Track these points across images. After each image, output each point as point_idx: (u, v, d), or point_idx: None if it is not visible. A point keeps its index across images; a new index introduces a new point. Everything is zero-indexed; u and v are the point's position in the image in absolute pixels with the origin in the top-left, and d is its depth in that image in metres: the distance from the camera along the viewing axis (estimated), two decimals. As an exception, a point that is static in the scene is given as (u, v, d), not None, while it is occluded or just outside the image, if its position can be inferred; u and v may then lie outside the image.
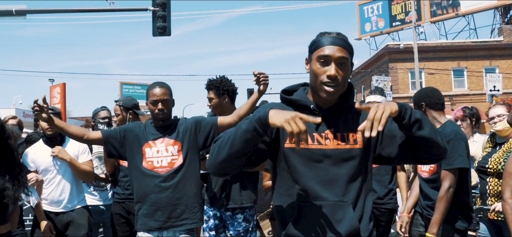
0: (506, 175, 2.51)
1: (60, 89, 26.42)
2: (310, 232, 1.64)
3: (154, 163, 2.72)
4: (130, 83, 42.43)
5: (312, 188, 1.64)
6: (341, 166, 1.66)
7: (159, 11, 10.78)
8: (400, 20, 30.07)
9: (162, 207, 2.68)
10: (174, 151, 2.74)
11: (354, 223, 1.64)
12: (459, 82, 27.65)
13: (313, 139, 1.67)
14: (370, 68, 30.13)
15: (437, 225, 2.65)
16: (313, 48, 1.69)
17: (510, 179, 2.47)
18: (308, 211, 1.64)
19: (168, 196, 2.69)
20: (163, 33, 10.91)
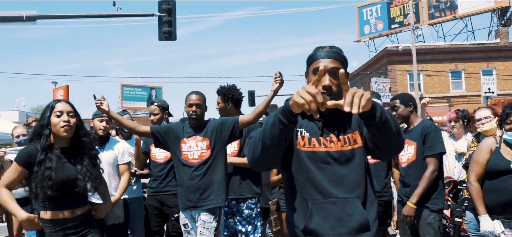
0: (472, 162, 2.96)
1: (63, 91, 26.72)
2: (326, 227, 1.76)
3: (188, 156, 3.32)
4: (131, 85, 42.73)
5: (323, 186, 1.78)
6: (346, 165, 1.81)
7: (165, 16, 11.12)
8: (398, 23, 30.41)
9: (194, 191, 3.24)
10: (203, 146, 3.32)
11: (364, 217, 1.78)
12: (457, 83, 28.00)
13: (319, 143, 1.83)
14: (369, 70, 30.46)
15: (418, 196, 3.12)
16: (309, 62, 1.86)
17: (475, 166, 2.93)
18: (322, 208, 1.77)
19: (198, 182, 3.26)
20: (169, 38, 11.25)
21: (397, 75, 27.45)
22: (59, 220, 2.41)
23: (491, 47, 27.98)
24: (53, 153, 2.40)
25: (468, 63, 27.88)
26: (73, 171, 2.42)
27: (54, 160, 2.38)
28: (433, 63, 27.64)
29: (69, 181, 2.39)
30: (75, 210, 2.45)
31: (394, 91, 26.92)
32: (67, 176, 2.39)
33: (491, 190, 2.83)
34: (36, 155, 2.37)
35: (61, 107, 2.49)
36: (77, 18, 10.74)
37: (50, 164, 2.35)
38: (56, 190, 2.30)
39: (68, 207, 2.41)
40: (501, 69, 28.05)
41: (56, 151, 2.42)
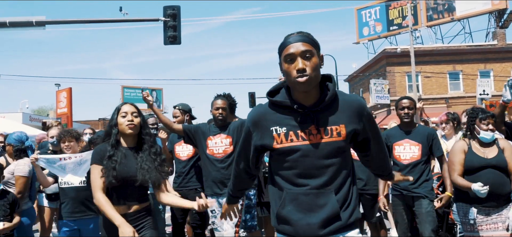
0: (450, 164, 3.44)
1: (66, 93, 27.06)
2: (296, 216, 1.82)
3: (213, 151, 3.98)
4: (132, 87, 43.03)
5: (298, 178, 1.83)
6: (325, 157, 1.81)
7: (170, 21, 11.47)
8: (397, 24, 30.75)
9: (219, 181, 3.88)
10: (227, 143, 3.99)
11: (335, 208, 1.80)
12: (454, 85, 28.37)
13: (297, 137, 1.82)
14: (368, 72, 30.81)
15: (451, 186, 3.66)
16: (280, 50, 1.83)
17: (454, 166, 3.41)
18: (295, 198, 1.83)
19: (223, 173, 3.91)
20: (174, 42, 11.61)
21: (395, 76, 27.80)
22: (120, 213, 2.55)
23: (488, 49, 28.34)
24: (120, 150, 2.63)
25: (465, 65, 28.25)
26: (134, 167, 2.61)
27: (119, 156, 2.60)
28: (431, 65, 28.00)
29: (129, 176, 2.58)
30: (133, 205, 2.62)
31: (393, 93, 27.28)
32: (128, 171, 2.58)
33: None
34: (106, 151, 2.60)
35: (126, 109, 2.70)
36: (85, 23, 11.09)
37: (116, 159, 2.56)
38: (118, 181, 2.54)
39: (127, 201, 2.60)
40: (498, 70, 28.42)
41: (122, 148, 2.65)
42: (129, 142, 2.70)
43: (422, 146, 3.76)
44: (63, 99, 25.51)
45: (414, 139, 3.78)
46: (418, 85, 27.15)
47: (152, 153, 2.68)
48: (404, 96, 3.95)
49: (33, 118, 26.40)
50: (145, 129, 2.73)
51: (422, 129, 3.90)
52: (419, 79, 27.68)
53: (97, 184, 2.56)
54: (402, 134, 3.86)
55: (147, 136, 2.72)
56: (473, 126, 3.38)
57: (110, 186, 2.56)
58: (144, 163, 2.63)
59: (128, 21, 10.97)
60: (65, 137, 3.99)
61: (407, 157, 3.80)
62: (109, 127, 2.66)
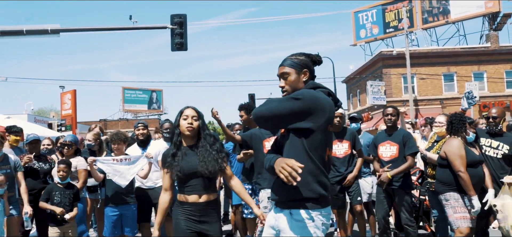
0: (459, 158, 3.93)
1: (70, 95, 27.51)
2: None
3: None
4: (132, 88, 43.56)
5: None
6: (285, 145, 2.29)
7: (177, 29, 12.13)
8: (393, 27, 31.44)
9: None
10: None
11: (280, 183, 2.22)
12: (449, 86, 29.08)
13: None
14: (365, 73, 31.49)
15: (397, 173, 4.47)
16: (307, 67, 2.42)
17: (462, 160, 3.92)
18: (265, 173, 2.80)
19: None
20: (181, 48, 12.28)
21: (392, 78, 28.50)
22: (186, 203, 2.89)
23: (482, 51, 29.04)
24: (181, 149, 2.95)
25: (460, 66, 28.96)
26: (195, 163, 2.89)
27: (181, 153, 2.92)
28: (426, 67, 28.71)
29: (191, 170, 2.88)
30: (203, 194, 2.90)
31: (389, 94, 28.00)
32: (190, 166, 2.88)
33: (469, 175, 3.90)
34: (167, 156, 2.97)
35: (187, 113, 2.99)
36: (98, 31, 11.71)
37: (179, 156, 2.91)
38: (182, 175, 2.88)
39: (196, 192, 2.89)
40: (491, 72, 29.15)
41: (183, 147, 2.97)
42: (189, 141, 2.99)
43: (399, 146, 4.59)
44: (68, 100, 26.13)
45: (393, 140, 4.63)
46: (414, 87, 27.85)
47: (212, 149, 2.96)
48: (389, 105, 4.77)
49: (37, 120, 26.94)
50: (204, 130, 3.02)
51: (400, 131, 4.71)
52: (415, 80, 28.39)
53: (164, 185, 2.99)
54: (385, 136, 4.71)
55: (207, 136, 3.00)
56: (464, 129, 4.07)
57: (178, 180, 2.92)
58: (203, 157, 2.91)
59: (138, 28, 11.61)
60: (114, 140, 4.79)
61: (387, 155, 4.64)
62: (173, 127, 3.08)
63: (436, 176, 4.21)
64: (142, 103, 44.68)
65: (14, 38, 12.47)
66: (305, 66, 2.38)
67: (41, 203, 4.51)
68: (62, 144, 5.00)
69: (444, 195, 4.03)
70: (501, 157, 4.33)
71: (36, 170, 5.00)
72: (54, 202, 4.48)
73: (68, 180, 4.63)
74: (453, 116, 4.23)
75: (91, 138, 5.58)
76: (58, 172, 4.57)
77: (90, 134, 5.67)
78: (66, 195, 4.54)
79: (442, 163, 4.09)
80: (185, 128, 2.93)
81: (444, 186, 4.03)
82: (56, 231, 4.46)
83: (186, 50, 12.31)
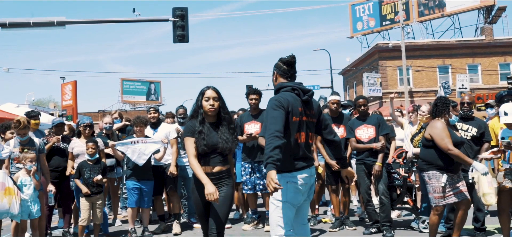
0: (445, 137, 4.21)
1: (71, 86, 27.93)
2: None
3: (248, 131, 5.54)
4: (131, 80, 43.89)
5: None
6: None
7: (178, 21, 12.54)
8: (390, 20, 31.81)
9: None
10: (257, 127, 5.45)
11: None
12: (444, 78, 29.51)
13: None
14: (361, 66, 31.96)
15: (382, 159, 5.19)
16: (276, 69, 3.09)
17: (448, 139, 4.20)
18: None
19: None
20: (182, 40, 12.70)
21: (387, 70, 28.99)
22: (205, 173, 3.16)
23: (477, 44, 29.51)
24: (205, 126, 3.22)
25: (454, 59, 29.45)
26: (216, 138, 3.22)
27: (206, 130, 3.20)
28: (421, 59, 29.19)
29: (214, 145, 3.19)
30: (216, 166, 3.23)
31: (385, 86, 28.49)
32: (212, 141, 3.19)
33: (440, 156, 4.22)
34: (195, 127, 3.23)
35: (208, 94, 3.24)
36: (102, 23, 12.11)
37: (204, 132, 3.19)
38: (207, 149, 3.18)
39: (211, 164, 3.22)
40: (485, 64, 29.66)
41: (206, 124, 3.24)
42: (211, 119, 3.28)
43: (375, 127, 5.27)
44: (68, 91, 26.47)
45: (369, 123, 5.31)
46: (409, 79, 28.34)
47: (230, 128, 3.29)
48: (360, 96, 5.46)
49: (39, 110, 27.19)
50: (224, 109, 3.31)
51: (374, 116, 5.42)
52: (410, 72, 28.88)
53: (191, 152, 3.22)
54: (360, 122, 5.38)
55: (226, 115, 3.31)
56: (448, 111, 4.43)
57: (202, 153, 3.20)
58: (224, 134, 3.24)
59: (141, 21, 12.03)
60: (136, 123, 5.49)
61: (366, 136, 5.26)
62: (196, 107, 3.28)
63: (420, 155, 4.55)
64: (141, 94, 44.93)
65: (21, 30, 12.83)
66: (274, 69, 3.11)
67: (76, 180, 5.16)
68: (84, 126, 5.50)
69: (427, 173, 4.36)
70: (470, 139, 4.87)
71: (62, 150, 5.53)
72: (84, 177, 5.10)
73: (96, 156, 5.22)
74: (438, 99, 4.51)
75: (109, 120, 6.19)
76: (88, 150, 5.16)
77: (107, 117, 6.24)
78: (95, 170, 5.15)
79: (426, 143, 4.39)
80: (208, 109, 3.22)
81: (427, 164, 4.35)
82: (86, 202, 5.13)
83: (188, 42, 12.74)
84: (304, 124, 3.00)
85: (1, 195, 4.15)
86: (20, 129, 4.83)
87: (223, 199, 3.18)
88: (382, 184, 5.13)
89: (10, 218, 4.48)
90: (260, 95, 5.74)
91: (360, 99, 5.38)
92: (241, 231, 5.64)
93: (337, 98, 5.61)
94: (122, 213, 6.86)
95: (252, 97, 5.66)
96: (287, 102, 2.89)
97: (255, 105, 5.67)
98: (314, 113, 3.13)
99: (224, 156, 3.27)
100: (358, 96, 5.53)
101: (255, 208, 5.87)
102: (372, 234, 5.19)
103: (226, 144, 3.20)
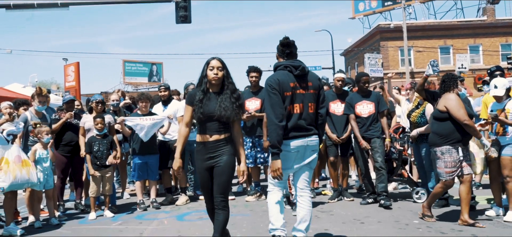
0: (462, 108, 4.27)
1: (74, 67, 28.13)
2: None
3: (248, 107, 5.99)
4: (133, 61, 43.97)
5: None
6: None
7: (181, 2, 12.64)
8: (391, 0, 31.65)
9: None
10: (257, 104, 5.99)
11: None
12: (445, 59, 29.63)
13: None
14: (363, 46, 31.99)
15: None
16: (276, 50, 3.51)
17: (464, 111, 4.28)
18: None
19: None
20: (185, 21, 12.83)
21: (389, 51, 29.04)
22: (202, 143, 3.27)
23: (478, 24, 29.47)
24: (207, 95, 3.27)
25: (456, 40, 29.46)
26: (214, 106, 3.23)
27: (206, 99, 3.24)
28: (423, 40, 29.22)
29: (210, 113, 3.22)
30: (214, 135, 3.25)
31: (386, 66, 28.58)
32: (209, 110, 3.23)
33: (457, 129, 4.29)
34: (196, 96, 3.28)
35: (213, 64, 3.30)
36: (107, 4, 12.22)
37: (203, 101, 3.23)
38: (203, 117, 3.24)
39: (208, 132, 3.25)
40: (487, 45, 29.67)
41: (209, 93, 3.29)
42: (215, 88, 3.33)
43: (375, 104, 5.52)
44: (71, 73, 26.61)
45: (370, 100, 5.56)
46: (410, 59, 28.41)
47: (232, 97, 3.29)
48: (363, 73, 5.72)
49: (47, 89, 27.50)
50: (228, 79, 3.35)
51: (374, 93, 5.68)
52: (412, 53, 28.93)
53: (184, 120, 3.36)
54: (360, 97, 5.61)
55: (230, 84, 3.34)
56: (456, 85, 4.53)
57: (199, 121, 3.28)
58: (223, 103, 3.24)
59: (145, 2, 12.15)
60: (142, 99, 5.76)
61: (365, 112, 5.51)
62: (201, 77, 3.35)
63: (433, 129, 4.47)
64: (143, 75, 45.02)
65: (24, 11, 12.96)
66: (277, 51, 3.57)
67: (87, 155, 5.43)
68: (97, 102, 5.76)
69: (440, 148, 4.31)
70: None
71: (74, 125, 5.79)
72: (94, 151, 5.40)
73: (105, 131, 5.49)
74: (445, 75, 4.57)
75: (116, 97, 6.50)
76: (97, 125, 5.42)
77: (114, 95, 6.49)
78: (104, 144, 5.44)
79: (441, 116, 4.37)
80: (211, 78, 3.28)
81: (441, 139, 4.34)
82: (97, 174, 5.42)
83: (190, 22, 12.87)
84: (299, 96, 3.35)
85: (20, 167, 4.42)
86: (41, 96, 5.29)
87: (222, 169, 3.22)
88: (380, 156, 5.38)
89: (30, 187, 4.77)
90: (260, 73, 6.07)
91: (364, 76, 5.62)
92: (244, 202, 5.93)
93: (342, 76, 5.95)
94: (129, 187, 7.15)
95: (253, 75, 6.00)
96: (277, 82, 3.30)
97: (255, 83, 6.02)
98: (313, 85, 3.41)
99: (224, 124, 3.27)
100: (362, 73, 5.80)
101: (258, 181, 6.17)
102: (369, 204, 5.46)
103: (224, 112, 3.21)
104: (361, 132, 5.46)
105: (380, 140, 5.44)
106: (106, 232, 4.68)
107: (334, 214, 5.07)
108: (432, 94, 4.86)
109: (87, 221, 5.23)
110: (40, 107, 5.33)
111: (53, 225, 4.97)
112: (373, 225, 4.49)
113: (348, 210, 5.26)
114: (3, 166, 4.31)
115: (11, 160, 4.37)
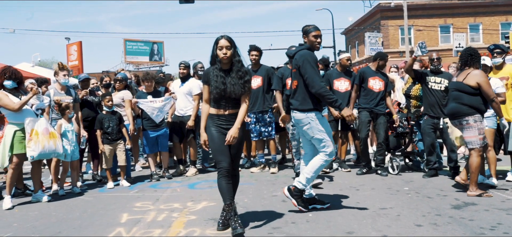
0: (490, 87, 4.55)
1: (76, 47, 28.28)
2: None
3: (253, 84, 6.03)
4: (134, 40, 44.08)
5: None
6: None
7: (185, -18, 12.97)
8: (393, -21, 31.71)
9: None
10: (259, 81, 6.40)
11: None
12: (445, 38, 29.85)
13: None
14: (363, 25, 32.11)
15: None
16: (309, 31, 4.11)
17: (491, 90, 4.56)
18: None
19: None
20: (188, 1, 13.20)
21: (389, 30, 29.23)
22: (216, 115, 3.55)
23: (479, 3, 29.54)
24: (218, 73, 3.53)
25: (456, 18, 29.61)
26: (225, 83, 3.50)
27: (218, 76, 3.51)
28: (423, 18, 29.38)
29: (222, 89, 3.48)
30: (228, 109, 3.55)
31: (386, 45, 28.81)
32: (220, 87, 3.49)
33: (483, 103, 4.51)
34: (209, 74, 3.56)
35: (221, 43, 3.50)
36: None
37: (216, 78, 3.50)
38: (217, 93, 3.51)
39: (223, 106, 3.54)
40: (487, 23, 29.83)
41: (220, 71, 3.55)
42: (225, 66, 3.57)
43: (384, 82, 5.99)
44: (74, 52, 26.93)
45: (381, 77, 6.00)
46: (411, 38, 28.61)
47: (239, 74, 3.54)
48: (384, 54, 6.21)
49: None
50: (235, 57, 3.57)
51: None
52: (412, 32, 29.12)
53: (204, 98, 3.65)
54: (374, 73, 6.04)
55: (237, 62, 3.57)
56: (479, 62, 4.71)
57: (213, 97, 3.56)
58: (233, 79, 3.51)
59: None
60: (147, 79, 6.16)
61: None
62: (212, 56, 3.59)
63: (465, 102, 4.55)
64: (144, 54, 45.15)
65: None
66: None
67: (97, 132, 5.85)
68: (115, 79, 6.21)
69: (473, 117, 4.51)
70: (443, 89, 5.49)
71: (90, 102, 6.23)
72: (104, 127, 5.82)
73: (113, 108, 5.95)
74: (469, 49, 4.69)
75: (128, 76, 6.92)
76: (107, 102, 5.86)
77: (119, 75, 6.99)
78: (113, 119, 5.88)
79: (473, 91, 4.50)
80: (221, 57, 3.51)
81: (473, 109, 4.51)
82: (109, 148, 5.87)
83: (193, 2, 13.21)
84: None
85: (47, 139, 4.87)
86: (64, 69, 5.71)
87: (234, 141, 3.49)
88: (382, 131, 5.88)
89: (56, 157, 5.25)
90: (260, 52, 6.43)
91: (386, 56, 6.23)
92: (249, 173, 6.41)
93: (349, 55, 6.52)
94: (141, 161, 7.63)
95: (253, 53, 6.36)
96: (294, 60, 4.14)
97: (255, 61, 6.37)
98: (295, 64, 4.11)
99: (235, 100, 3.53)
100: (383, 53, 6.31)
101: (262, 153, 6.65)
102: (364, 174, 5.95)
103: (232, 88, 3.47)
104: (371, 106, 5.90)
105: (384, 117, 5.92)
106: (126, 198, 5.15)
107: (332, 182, 5.54)
108: (420, 74, 5.43)
109: (106, 189, 5.71)
110: (65, 81, 5.73)
111: (75, 193, 5.45)
112: (367, 191, 4.96)
113: (345, 179, 5.73)
114: (33, 136, 4.75)
115: (40, 132, 4.80)
